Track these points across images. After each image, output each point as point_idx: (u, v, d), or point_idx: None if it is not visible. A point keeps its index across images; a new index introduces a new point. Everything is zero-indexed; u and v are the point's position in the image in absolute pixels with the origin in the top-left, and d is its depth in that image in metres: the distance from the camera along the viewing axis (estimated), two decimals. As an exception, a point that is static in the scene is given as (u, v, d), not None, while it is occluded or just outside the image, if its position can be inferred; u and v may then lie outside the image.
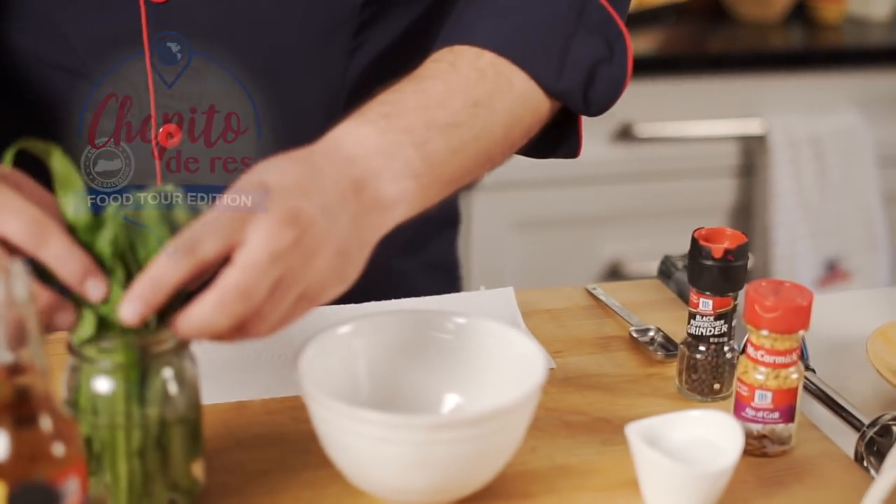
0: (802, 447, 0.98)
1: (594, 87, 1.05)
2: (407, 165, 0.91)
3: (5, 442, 0.69)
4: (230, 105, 1.08)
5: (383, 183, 0.89)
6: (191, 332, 0.80)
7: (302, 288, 0.82)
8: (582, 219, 2.42)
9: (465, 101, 0.97)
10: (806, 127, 2.45)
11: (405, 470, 0.84)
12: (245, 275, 0.79)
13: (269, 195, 0.82)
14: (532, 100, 1.03)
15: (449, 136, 0.95)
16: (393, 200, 0.90)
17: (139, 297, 0.78)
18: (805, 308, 0.93)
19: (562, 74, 1.03)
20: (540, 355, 0.90)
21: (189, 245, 0.79)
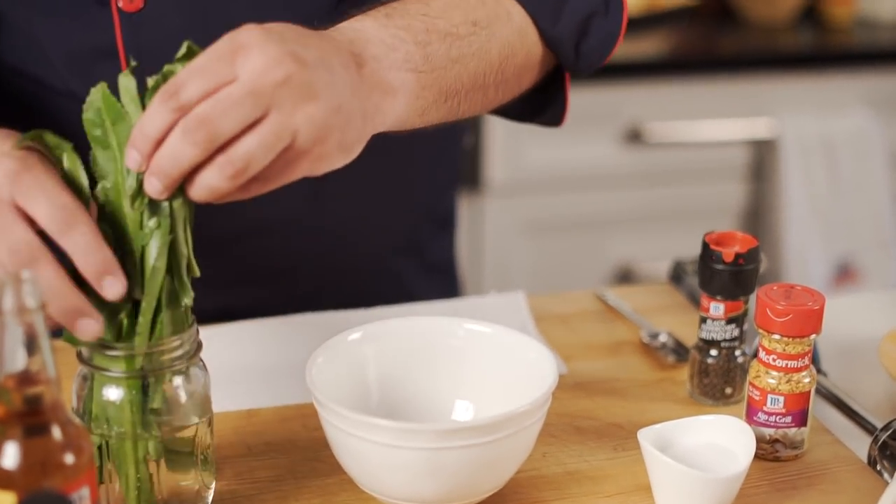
0: (815, 451, 0.97)
1: (587, 38, 1.06)
2: (408, 58, 0.89)
3: (16, 451, 0.69)
4: None
5: (384, 68, 0.87)
6: (163, 160, 0.77)
7: (290, 134, 0.78)
8: (592, 222, 2.42)
9: (465, 18, 0.96)
10: (817, 128, 2.44)
11: (416, 477, 0.83)
12: (213, 104, 0.76)
13: (264, 34, 0.79)
14: (528, 37, 1.02)
15: (449, 45, 0.94)
16: (393, 86, 0.87)
17: (135, 148, 0.77)
18: (817, 312, 0.93)
19: (559, 19, 1.03)
20: (551, 360, 0.90)
21: (174, 88, 0.77)
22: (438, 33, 0.93)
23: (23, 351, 0.69)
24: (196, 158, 0.77)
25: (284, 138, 0.78)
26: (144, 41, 1.07)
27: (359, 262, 1.10)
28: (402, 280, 1.27)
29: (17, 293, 0.68)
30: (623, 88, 2.34)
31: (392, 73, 0.87)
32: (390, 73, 0.87)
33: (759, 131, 2.43)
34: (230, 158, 0.77)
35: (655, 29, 2.53)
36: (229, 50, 0.78)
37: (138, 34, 1.07)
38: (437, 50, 0.92)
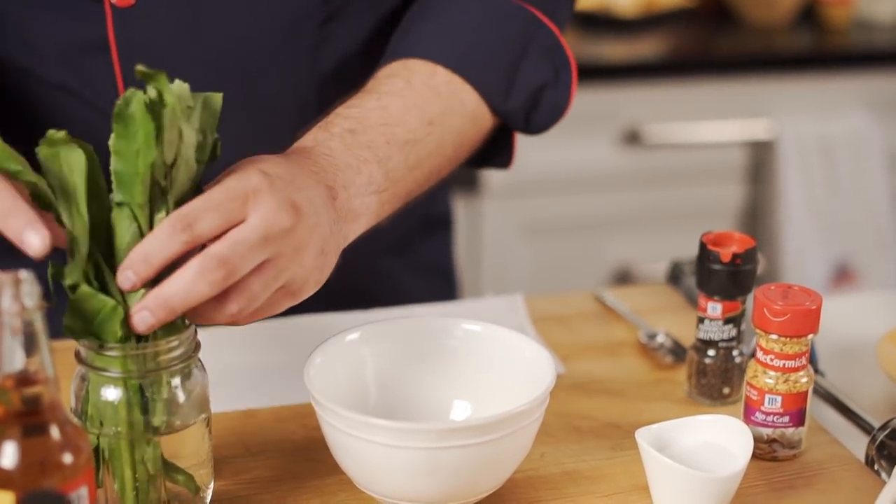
0: (812, 451, 0.97)
1: (537, 110, 1.10)
2: (370, 181, 0.94)
3: (14, 451, 0.69)
4: None
5: (351, 196, 0.92)
6: (172, 294, 0.78)
7: (287, 278, 0.83)
8: (591, 224, 2.42)
9: (421, 120, 1.00)
10: (814, 130, 2.45)
11: (414, 476, 0.84)
12: (233, 248, 0.79)
13: (269, 180, 0.83)
14: (479, 118, 1.07)
15: (407, 153, 0.98)
16: (358, 213, 0.93)
17: (133, 270, 0.78)
18: (814, 312, 0.93)
19: (509, 95, 1.07)
20: (548, 361, 0.90)
21: (188, 220, 0.79)
22: (398, 144, 0.98)
23: (21, 351, 0.69)
24: (207, 296, 0.79)
25: (281, 282, 0.83)
26: (137, 36, 1.07)
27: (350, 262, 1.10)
28: (395, 281, 1.27)
29: (16, 293, 0.68)
30: (621, 90, 2.34)
31: (357, 200, 0.92)
32: (356, 201, 0.92)
33: (757, 132, 2.43)
34: (237, 297, 0.81)
35: (653, 30, 2.53)
36: (242, 192, 0.82)
37: (131, 29, 1.07)
38: (397, 163, 0.97)
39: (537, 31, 1.09)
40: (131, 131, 0.80)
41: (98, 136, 1.10)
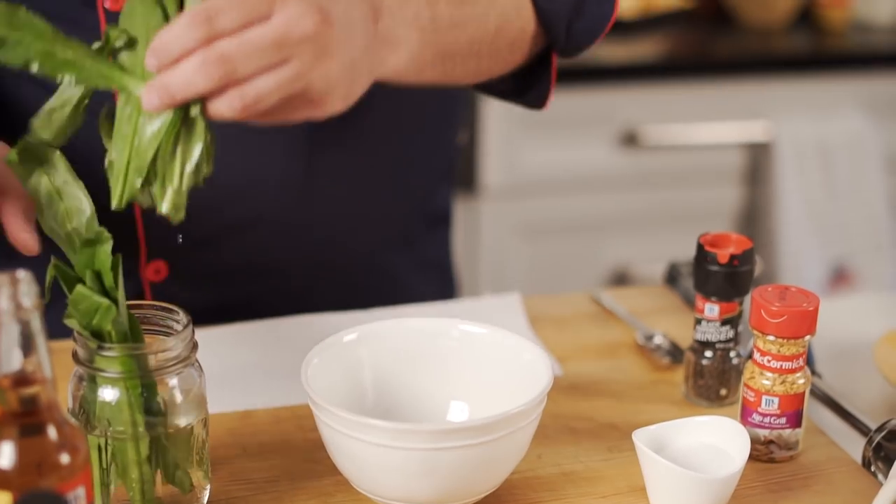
0: (809, 452, 0.97)
1: (580, 19, 1.10)
2: (416, 16, 0.94)
3: (12, 451, 0.69)
4: None
5: (395, 22, 0.92)
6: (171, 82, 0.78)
7: (305, 84, 0.82)
8: (588, 225, 2.42)
9: None
10: (812, 131, 2.45)
11: (411, 477, 0.84)
12: (239, 46, 0.78)
13: None
14: (523, 11, 1.06)
15: (453, 8, 0.98)
16: (398, 41, 0.92)
17: (151, 53, 0.78)
18: (811, 313, 0.93)
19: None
20: (545, 362, 0.90)
21: (209, 14, 0.78)
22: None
23: (19, 351, 0.69)
24: (207, 90, 0.78)
25: (297, 87, 0.81)
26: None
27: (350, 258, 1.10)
28: (394, 276, 1.27)
29: (14, 293, 0.68)
30: (619, 91, 2.34)
31: (401, 29, 0.92)
32: (399, 29, 0.92)
33: (755, 134, 2.43)
34: (242, 94, 0.79)
35: (651, 32, 2.53)
36: None
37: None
38: (443, 11, 0.97)
39: None
40: None
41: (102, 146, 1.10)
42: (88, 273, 0.81)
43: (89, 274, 0.81)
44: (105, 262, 0.81)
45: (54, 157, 0.83)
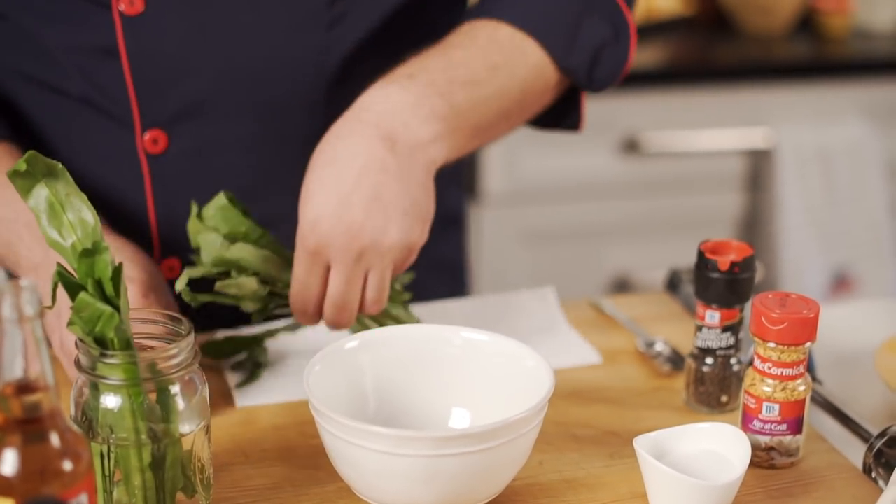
0: (810, 459, 0.98)
1: (599, 66, 1.14)
2: (433, 111, 1.02)
3: (14, 458, 0.70)
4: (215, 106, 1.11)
5: (413, 129, 1.00)
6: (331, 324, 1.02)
7: (390, 264, 0.99)
8: (589, 232, 2.42)
9: (484, 64, 1.07)
10: (813, 138, 2.45)
11: (413, 484, 0.84)
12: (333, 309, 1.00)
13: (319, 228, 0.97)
14: (544, 69, 1.11)
15: (470, 91, 1.05)
16: (427, 139, 1.01)
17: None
18: (812, 320, 0.93)
19: (572, 51, 1.12)
20: (547, 369, 0.90)
21: (302, 309, 1.01)
22: (460, 83, 1.05)
23: (21, 358, 0.69)
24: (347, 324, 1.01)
25: (388, 270, 1.00)
26: (146, 43, 1.09)
27: None
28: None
29: (17, 301, 0.68)
30: (620, 98, 2.34)
31: (423, 129, 1.01)
32: (421, 130, 1.01)
33: (756, 141, 2.43)
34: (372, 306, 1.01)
35: (652, 39, 2.53)
36: (307, 255, 0.99)
37: (140, 37, 1.08)
38: (460, 98, 1.04)
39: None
40: None
41: (118, 148, 1.11)
42: (90, 281, 0.81)
43: (91, 282, 0.81)
44: (105, 271, 0.81)
45: (57, 169, 0.84)
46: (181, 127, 1.12)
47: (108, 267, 0.81)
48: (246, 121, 1.13)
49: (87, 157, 1.14)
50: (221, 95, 1.11)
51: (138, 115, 1.12)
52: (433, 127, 1.01)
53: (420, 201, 1.00)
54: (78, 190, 0.84)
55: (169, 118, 1.12)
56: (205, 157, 1.13)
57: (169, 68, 1.10)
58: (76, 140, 1.15)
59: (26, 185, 0.83)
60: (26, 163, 0.82)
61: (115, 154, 1.14)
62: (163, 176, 1.13)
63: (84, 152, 1.15)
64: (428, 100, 1.02)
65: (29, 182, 0.83)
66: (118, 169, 1.14)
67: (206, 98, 1.11)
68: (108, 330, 0.80)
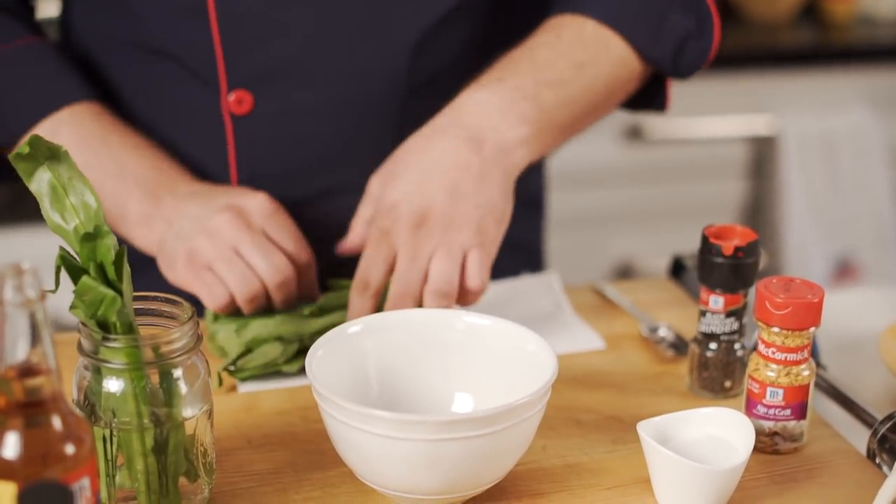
0: (814, 444, 0.97)
1: (683, 56, 1.17)
2: (521, 115, 1.06)
3: (16, 441, 0.70)
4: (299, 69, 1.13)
5: (501, 132, 1.06)
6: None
7: (459, 252, 1.02)
8: (593, 219, 2.42)
9: (569, 63, 1.11)
10: (817, 125, 2.45)
11: (416, 468, 0.84)
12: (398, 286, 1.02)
13: (397, 208, 1.02)
14: (628, 62, 1.15)
15: (557, 91, 1.09)
16: (514, 143, 1.06)
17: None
18: (816, 305, 0.93)
19: (656, 43, 1.15)
20: (550, 353, 0.90)
21: (362, 283, 1.04)
22: (547, 84, 1.09)
23: (24, 342, 0.69)
24: (414, 302, 1.03)
25: (457, 254, 1.02)
26: (235, 3, 1.10)
27: None
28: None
29: (19, 284, 0.68)
30: (623, 85, 2.34)
31: (510, 133, 1.06)
32: (508, 134, 1.06)
33: (760, 128, 2.43)
34: (436, 292, 1.02)
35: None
36: (381, 237, 1.03)
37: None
38: (548, 99, 1.09)
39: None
40: None
41: (203, 109, 1.15)
42: (92, 265, 0.81)
43: (93, 266, 0.81)
44: (107, 255, 0.81)
45: (60, 152, 0.83)
46: (267, 88, 1.14)
47: (110, 251, 0.81)
48: (330, 86, 1.14)
49: (171, 118, 1.17)
50: (308, 58, 1.13)
51: (224, 75, 1.13)
52: (521, 130, 1.06)
53: (496, 202, 1.04)
54: (80, 173, 0.84)
55: (255, 79, 1.13)
56: (288, 121, 1.15)
57: (257, 28, 1.11)
58: (162, 101, 1.17)
59: (29, 168, 0.83)
60: (29, 146, 0.82)
61: (199, 115, 1.15)
62: (246, 137, 1.15)
63: (169, 113, 1.17)
64: (516, 104, 1.07)
65: (31, 165, 0.83)
66: (202, 130, 1.16)
67: (293, 60, 1.13)
68: (110, 314, 0.80)
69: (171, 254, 1.06)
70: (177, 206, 1.08)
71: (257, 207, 1.07)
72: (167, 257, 1.07)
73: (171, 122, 1.17)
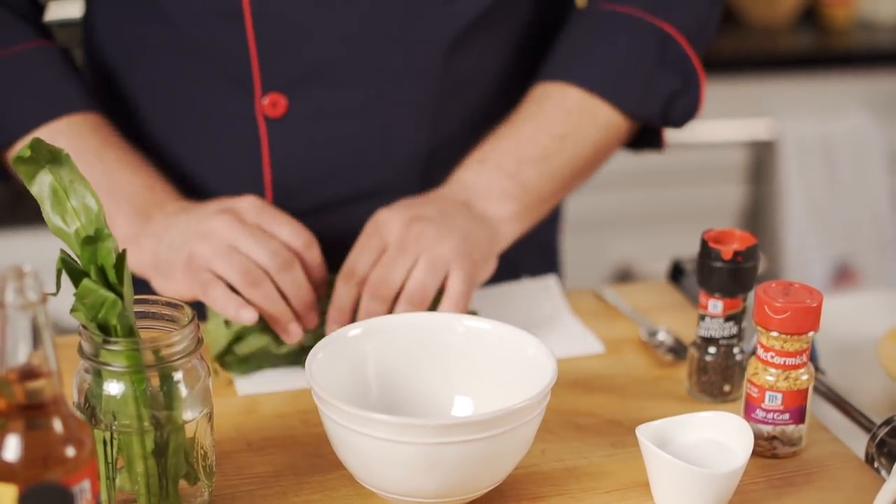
0: (813, 449, 0.98)
1: (670, 114, 1.20)
2: (504, 192, 1.11)
3: (17, 444, 0.70)
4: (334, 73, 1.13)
5: (487, 203, 1.10)
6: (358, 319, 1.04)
7: (443, 263, 1.03)
8: (592, 223, 2.42)
9: (552, 137, 1.14)
10: (816, 130, 2.45)
11: (415, 472, 0.84)
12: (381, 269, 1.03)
13: (392, 210, 1.06)
14: (614, 125, 1.18)
15: (540, 167, 1.13)
16: (499, 218, 1.11)
17: (336, 322, 1.03)
18: (815, 309, 0.93)
19: (644, 103, 1.17)
20: (549, 357, 0.90)
21: (349, 271, 1.05)
22: (529, 161, 1.13)
23: (25, 344, 0.69)
24: (384, 311, 1.03)
25: (440, 267, 1.03)
26: (271, 5, 1.11)
27: None
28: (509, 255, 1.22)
29: (21, 287, 0.68)
30: (623, 89, 2.34)
31: (495, 206, 1.11)
32: (493, 207, 1.10)
33: (759, 132, 2.44)
34: (409, 297, 1.02)
35: (655, 30, 2.53)
36: (373, 230, 1.06)
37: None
38: (530, 176, 1.13)
39: (666, 47, 1.18)
40: None
41: (237, 112, 1.15)
42: (93, 268, 0.81)
43: (94, 269, 0.81)
44: (107, 258, 0.82)
45: (62, 156, 0.83)
46: (301, 91, 1.14)
47: (110, 254, 0.81)
48: (364, 87, 1.14)
49: (205, 122, 1.17)
50: (342, 61, 1.13)
51: (259, 78, 1.13)
52: (505, 207, 1.11)
53: (482, 247, 1.07)
54: (82, 176, 0.84)
55: (289, 82, 1.13)
56: (322, 123, 1.15)
57: (291, 31, 1.11)
58: (193, 106, 1.17)
59: (30, 171, 0.83)
60: (30, 149, 0.82)
61: (233, 118, 1.16)
62: (280, 140, 1.15)
63: (201, 117, 1.17)
64: (498, 182, 1.11)
65: (33, 168, 0.83)
66: (235, 133, 1.16)
67: (327, 63, 1.13)
68: (110, 317, 0.81)
69: (167, 265, 1.06)
70: (166, 222, 1.08)
71: (248, 206, 1.07)
72: (163, 269, 1.06)
73: (203, 127, 1.17)
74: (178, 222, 1.07)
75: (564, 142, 1.14)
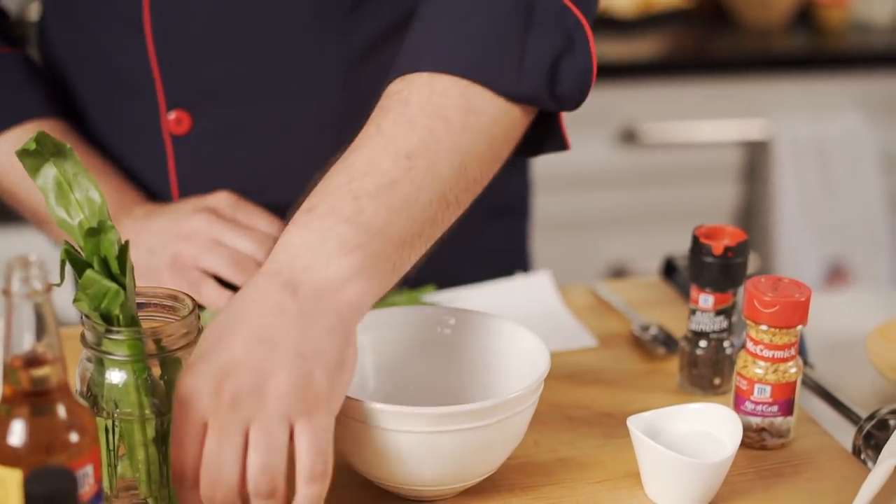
0: (801, 441, 0.99)
1: (560, 83, 0.98)
2: (341, 244, 0.86)
3: (22, 430, 0.71)
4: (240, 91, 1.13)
5: (318, 271, 0.85)
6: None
7: (279, 418, 0.79)
8: (587, 222, 2.44)
9: (395, 159, 0.90)
10: (809, 130, 2.46)
11: (410, 460, 0.85)
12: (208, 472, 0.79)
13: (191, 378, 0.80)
14: (492, 114, 0.96)
15: (384, 198, 0.88)
16: (337, 280, 0.85)
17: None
18: (803, 303, 0.95)
19: (522, 78, 0.96)
20: (543, 349, 0.92)
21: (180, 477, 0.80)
22: (368, 195, 0.88)
23: (30, 332, 0.70)
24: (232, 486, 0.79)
25: (277, 432, 0.79)
26: (171, 22, 1.11)
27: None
28: (445, 266, 1.16)
29: (26, 276, 0.69)
30: (618, 89, 2.36)
31: (331, 268, 0.85)
32: (329, 269, 0.85)
33: (753, 133, 2.45)
34: (256, 492, 0.79)
35: (650, 30, 2.55)
36: (182, 412, 0.80)
37: (165, 15, 1.11)
38: (373, 212, 0.88)
39: (535, 2, 0.97)
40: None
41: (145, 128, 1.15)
42: (96, 259, 0.83)
43: (97, 260, 0.83)
44: (110, 249, 0.83)
45: (66, 149, 0.85)
46: (204, 108, 1.14)
47: (113, 245, 0.83)
48: (267, 104, 1.14)
49: (116, 136, 1.18)
50: (244, 77, 1.13)
51: (163, 95, 1.13)
52: (343, 262, 0.85)
53: (325, 349, 0.82)
54: (85, 170, 0.85)
55: (193, 98, 1.14)
56: (226, 141, 1.15)
57: (193, 48, 1.12)
58: (108, 117, 1.18)
59: (35, 164, 0.84)
60: (35, 142, 0.84)
61: (141, 133, 1.16)
62: (186, 157, 1.15)
63: (116, 129, 1.18)
64: (332, 231, 0.86)
65: (38, 161, 0.84)
66: (144, 148, 1.17)
67: (229, 80, 1.13)
68: (113, 306, 0.82)
69: (151, 269, 1.06)
70: (136, 227, 1.09)
71: (223, 202, 1.09)
72: (146, 274, 1.06)
73: (118, 139, 1.18)
74: (151, 226, 1.08)
75: (413, 160, 0.90)
